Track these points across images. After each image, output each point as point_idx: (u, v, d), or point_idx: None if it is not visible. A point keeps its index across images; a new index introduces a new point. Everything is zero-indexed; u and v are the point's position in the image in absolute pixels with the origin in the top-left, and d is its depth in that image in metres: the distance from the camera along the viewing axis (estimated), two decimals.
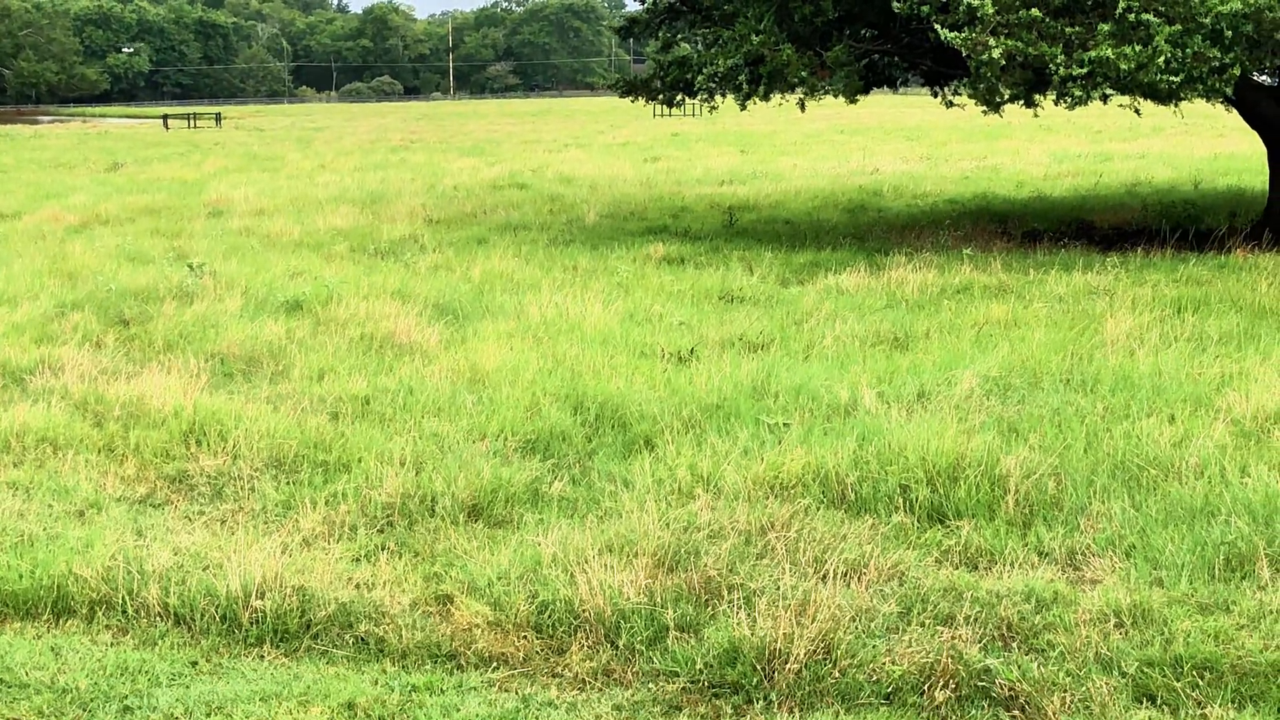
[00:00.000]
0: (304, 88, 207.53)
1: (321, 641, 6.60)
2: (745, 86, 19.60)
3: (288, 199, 28.48)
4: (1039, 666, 6.00)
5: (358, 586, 7.06)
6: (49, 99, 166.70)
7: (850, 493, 8.12)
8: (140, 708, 5.99)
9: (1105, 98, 17.28)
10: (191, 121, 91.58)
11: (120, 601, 6.93)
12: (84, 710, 5.98)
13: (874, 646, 6.16)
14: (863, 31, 20.22)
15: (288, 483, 8.73)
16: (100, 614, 6.91)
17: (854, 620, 6.37)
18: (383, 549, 7.60)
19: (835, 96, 20.43)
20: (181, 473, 9.06)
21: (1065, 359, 11.32)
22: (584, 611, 6.55)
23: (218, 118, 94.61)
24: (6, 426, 9.72)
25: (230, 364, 12.03)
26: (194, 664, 6.43)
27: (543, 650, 6.44)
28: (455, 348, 12.39)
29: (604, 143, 52.59)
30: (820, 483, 8.25)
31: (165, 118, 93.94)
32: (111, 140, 64.62)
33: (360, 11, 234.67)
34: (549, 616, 6.59)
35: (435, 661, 6.41)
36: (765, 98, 20.07)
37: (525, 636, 6.52)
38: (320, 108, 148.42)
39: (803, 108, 22.36)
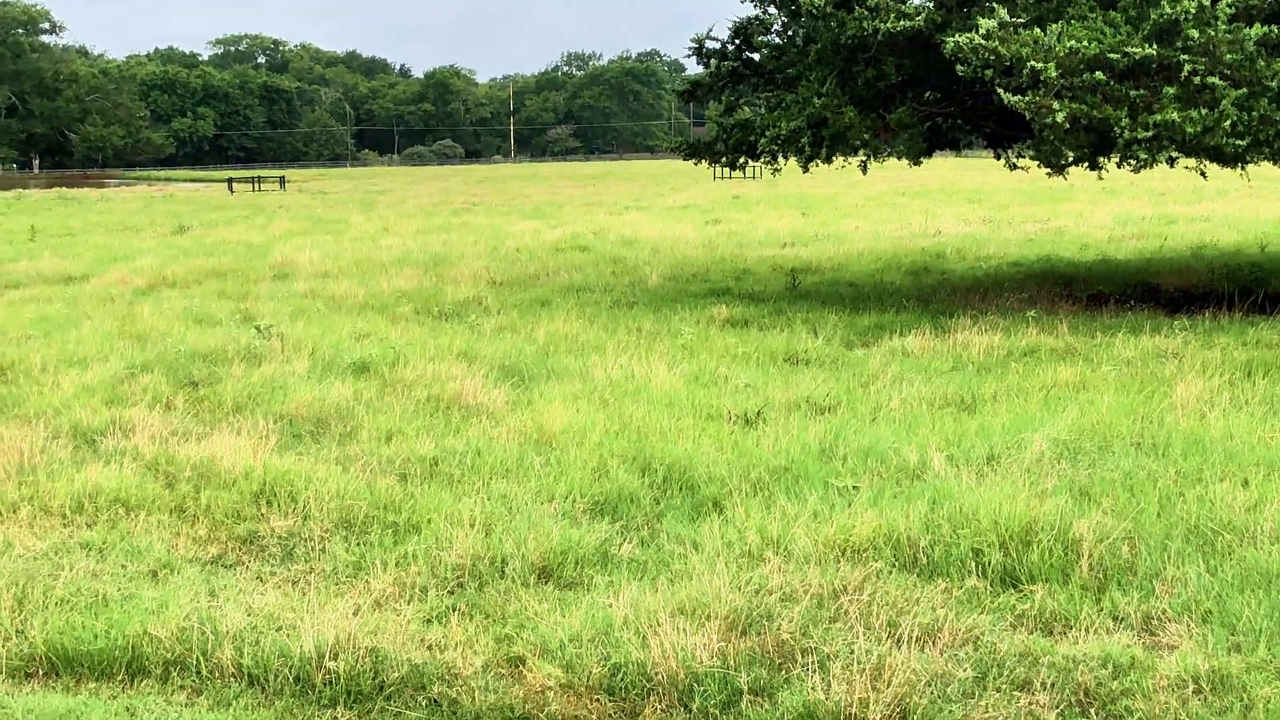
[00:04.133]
0: (367, 151, 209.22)
1: (395, 703, 6.60)
2: (808, 149, 19.65)
3: (352, 261, 28.67)
4: None
5: (430, 648, 7.06)
6: (115, 163, 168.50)
7: (922, 556, 8.07)
8: None
9: (1171, 161, 17.25)
10: (256, 185, 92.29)
11: (195, 662, 6.95)
12: None
13: (950, 711, 6.12)
14: (926, 94, 20.23)
15: (358, 544, 8.74)
16: (175, 674, 6.92)
17: (929, 685, 6.33)
18: (454, 610, 7.60)
19: (898, 159, 20.49)
20: (253, 533, 9.09)
21: (1135, 422, 11.24)
22: (656, 674, 6.53)
23: (282, 181, 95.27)
24: (79, 487, 9.77)
25: (299, 425, 12.08)
26: None
27: (615, 713, 6.42)
28: (522, 409, 12.42)
29: (665, 205, 52.72)
30: (892, 546, 8.22)
31: (230, 181, 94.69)
32: (177, 204, 65.21)
33: (422, 76, 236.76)
34: (621, 679, 6.57)
35: None
36: (828, 160, 20.13)
37: (598, 699, 6.50)
38: (383, 171, 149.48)
39: (865, 170, 22.43)
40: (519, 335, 17.22)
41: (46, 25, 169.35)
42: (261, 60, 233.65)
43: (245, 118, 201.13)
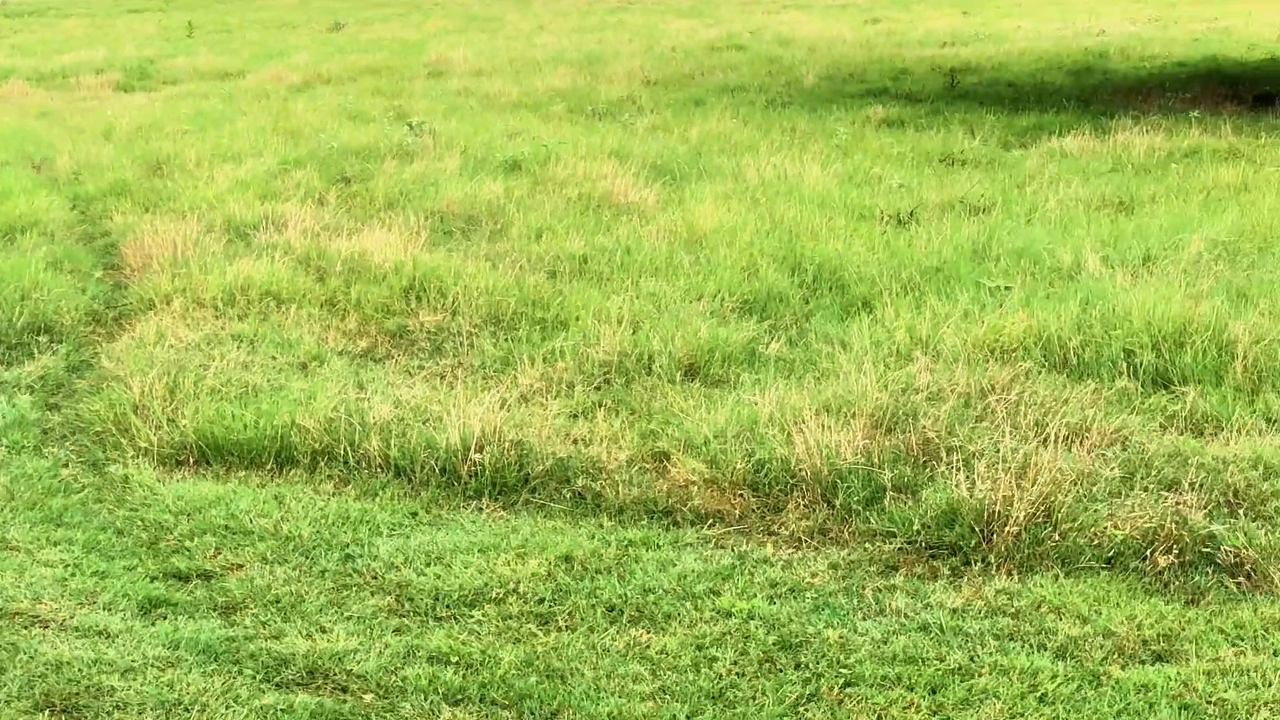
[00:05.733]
0: None
1: (539, 495, 6.66)
2: None
3: (506, 60, 28.52)
4: (1266, 534, 5.86)
5: (575, 442, 7.11)
6: None
7: (1072, 357, 7.96)
8: (361, 556, 6.12)
9: None
10: None
11: (342, 453, 7.06)
12: (306, 558, 6.12)
13: (1095, 511, 6.06)
14: None
15: (506, 339, 8.79)
16: (322, 464, 7.05)
17: (1075, 484, 6.25)
18: (600, 406, 7.63)
19: None
20: (402, 328, 9.18)
21: None
22: (800, 471, 6.52)
23: None
24: (232, 280, 9.85)
25: (449, 222, 12.11)
26: (414, 515, 6.54)
27: (759, 508, 6.44)
28: (672, 208, 12.34)
29: (824, 4, 51.68)
30: (1042, 347, 8.11)
31: None
32: (334, 0, 65.15)
33: None
34: (765, 475, 6.58)
35: (651, 517, 6.45)
36: None
37: (741, 494, 6.52)
38: None
39: None
40: (672, 135, 17.08)
41: None
42: None
43: None
